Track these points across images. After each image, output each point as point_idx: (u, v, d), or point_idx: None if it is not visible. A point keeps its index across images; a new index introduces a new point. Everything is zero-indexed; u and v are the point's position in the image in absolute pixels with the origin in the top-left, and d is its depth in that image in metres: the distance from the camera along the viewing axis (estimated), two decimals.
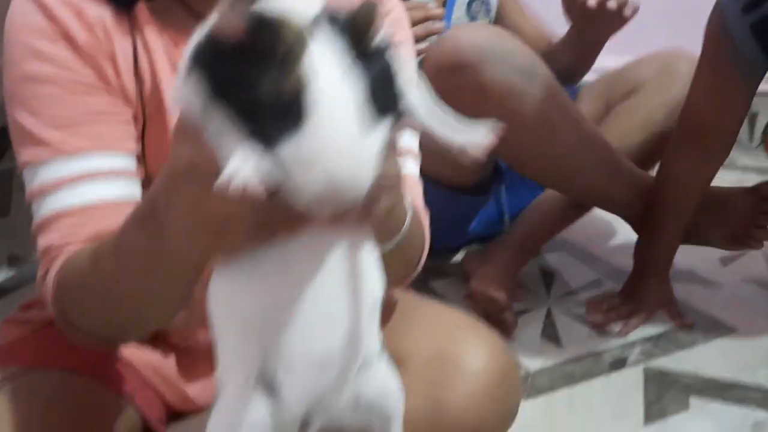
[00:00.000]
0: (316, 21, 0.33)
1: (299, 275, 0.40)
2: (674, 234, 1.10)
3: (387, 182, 0.38)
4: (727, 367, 0.99)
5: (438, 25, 1.05)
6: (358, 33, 0.33)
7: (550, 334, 1.08)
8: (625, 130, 1.16)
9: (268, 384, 0.41)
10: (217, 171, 0.34)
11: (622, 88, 1.22)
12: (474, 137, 0.38)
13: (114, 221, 0.53)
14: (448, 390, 0.60)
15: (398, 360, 0.63)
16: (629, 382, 0.97)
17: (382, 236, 0.53)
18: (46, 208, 0.57)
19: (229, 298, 0.41)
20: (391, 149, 0.38)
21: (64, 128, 0.57)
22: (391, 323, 0.68)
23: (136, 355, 0.70)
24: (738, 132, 1.06)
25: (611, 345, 1.05)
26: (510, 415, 0.64)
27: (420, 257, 0.65)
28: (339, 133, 0.32)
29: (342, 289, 0.41)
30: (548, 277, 1.26)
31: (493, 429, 0.62)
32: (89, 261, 0.53)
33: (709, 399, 0.93)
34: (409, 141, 0.66)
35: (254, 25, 0.32)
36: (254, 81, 0.32)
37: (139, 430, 0.71)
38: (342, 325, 0.41)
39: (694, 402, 0.92)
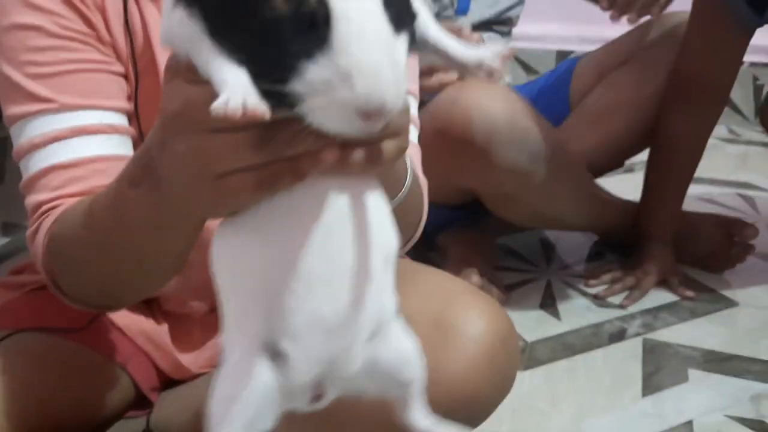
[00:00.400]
0: None
1: (303, 229, 0.35)
2: (676, 198, 1.10)
3: (395, 125, 0.36)
4: (727, 339, 0.99)
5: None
6: None
7: (550, 306, 1.08)
8: (608, 108, 1.12)
9: (272, 350, 0.37)
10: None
11: (618, 57, 1.15)
12: (488, 52, 0.36)
13: (107, 178, 0.50)
14: (446, 355, 0.59)
15: None
16: (628, 353, 0.96)
17: (386, 192, 0.51)
18: (36, 164, 0.55)
19: (231, 257, 0.38)
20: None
21: (53, 79, 0.55)
22: None
23: (128, 322, 0.69)
24: (731, 87, 1.07)
25: (611, 317, 1.04)
26: (508, 381, 0.63)
27: (420, 221, 0.63)
28: (372, 46, 0.30)
29: (350, 243, 0.37)
30: (548, 249, 1.25)
31: (491, 395, 0.61)
32: (83, 217, 0.50)
33: (708, 371, 0.92)
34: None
35: None
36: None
37: (131, 397, 0.70)
38: (351, 283, 0.37)
39: (693, 374, 0.91)
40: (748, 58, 1.73)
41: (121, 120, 0.58)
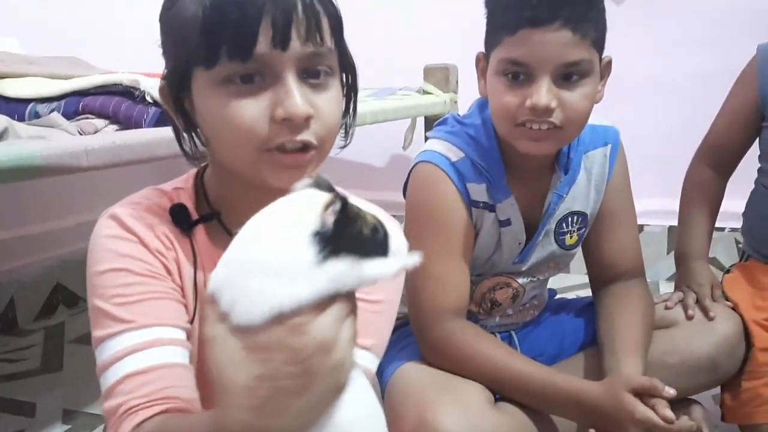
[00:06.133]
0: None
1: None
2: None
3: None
4: None
5: None
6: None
7: None
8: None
9: None
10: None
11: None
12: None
13: (166, 381, 0.65)
14: None
15: None
16: None
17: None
18: (115, 374, 0.66)
19: None
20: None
21: (135, 306, 0.69)
22: None
23: None
24: (743, 154, 1.32)
25: None
26: None
27: None
28: (401, 244, 0.56)
29: None
30: None
31: None
32: None
33: None
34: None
35: (344, 206, 0.52)
36: (366, 237, 0.53)
37: None
38: None
39: None
40: (728, 224, 1.93)
41: (182, 335, 0.72)
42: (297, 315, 0.48)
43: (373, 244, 0.53)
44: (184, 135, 0.76)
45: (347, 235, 0.51)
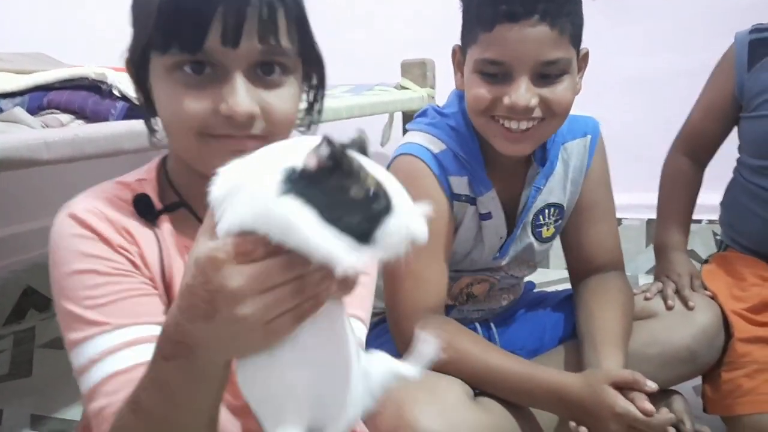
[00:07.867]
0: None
1: (323, 343, 0.53)
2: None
3: None
4: None
5: None
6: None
7: None
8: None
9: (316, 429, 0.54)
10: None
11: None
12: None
13: None
14: None
15: None
16: None
17: None
18: (95, 375, 0.65)
19: (258, 381, 0.53)
20: None
21: (107, 307, 0.67)
22: None
23: None
24: (720, 143, 1.33)
25: None
26: None
27: None
28: (409, 208, 0.48)
29: (348, 340, 0.56)
30: None
31: None
32: (129, 405, 0.59)
33: None
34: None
35: (335, 154, 0.45)
36: (345, 189, 0.45)
37: None
38: (352, 366, 0.56)
39: None
40: (706, 216, 1.93)
41: (159, 331, 0.67)
42: (226, 246, 0.47)
43: (356, 210, 0.45)
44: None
45: (324, 186, 0.45)
